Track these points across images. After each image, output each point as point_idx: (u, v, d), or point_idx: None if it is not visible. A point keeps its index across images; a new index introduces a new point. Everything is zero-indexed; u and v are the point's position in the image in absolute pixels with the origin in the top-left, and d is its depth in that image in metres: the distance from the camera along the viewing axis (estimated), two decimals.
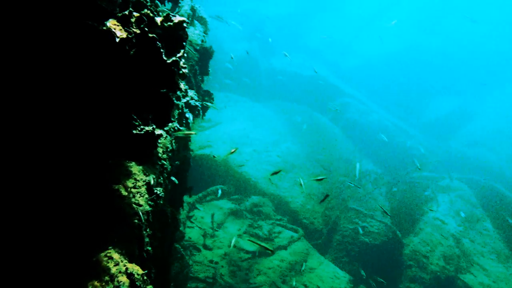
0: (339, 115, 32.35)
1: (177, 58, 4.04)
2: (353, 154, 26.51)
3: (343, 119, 32.59)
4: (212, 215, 17.65)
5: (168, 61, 3.92)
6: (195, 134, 7.99)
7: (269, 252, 14.01)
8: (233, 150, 7.85)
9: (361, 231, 18.97)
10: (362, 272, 16.94)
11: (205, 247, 16.12)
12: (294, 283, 15.49)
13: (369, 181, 23.72)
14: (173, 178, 6.30)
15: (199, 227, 16.99)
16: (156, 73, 3.87)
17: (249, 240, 10.33)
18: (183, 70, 4.28)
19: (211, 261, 15.47)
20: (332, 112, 32.32)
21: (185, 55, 4.98)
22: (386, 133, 30.19)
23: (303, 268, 16.49)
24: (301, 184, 11.07)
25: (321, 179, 8.22)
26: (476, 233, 21.10)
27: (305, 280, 16.03)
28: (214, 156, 20.77)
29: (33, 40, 3.30)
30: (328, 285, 15.99)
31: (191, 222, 17.19)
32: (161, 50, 3.81)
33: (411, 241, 19.36)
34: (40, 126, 3.78)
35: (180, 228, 14.97)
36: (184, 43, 4.28)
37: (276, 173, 8.14)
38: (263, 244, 6.56)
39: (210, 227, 17.16)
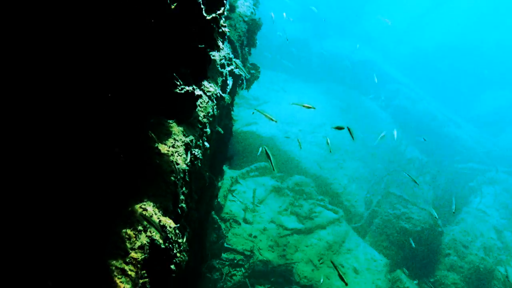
0: (388, 101, 31.95)
1: (217, 15, 4.13)
2: (399, 141, 26.19)
3: (392, 105, 32.18)
4: (254, 191, 17.80)
5: (207, 17, 4.02)
6: (276, 122, 8.09)
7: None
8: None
9: (401, 217, 18.82)
10: (405, 270, 16.83)
11: (245, 221, 16.32)
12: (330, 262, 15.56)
13: (413, 168, 23.44)
14: (206, 144, 6.42)
15: (241, 202, 17.19)
16: (196, 29, 3.98)
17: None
18: (223, 28, 4.37)
19: (250, 235, 15.67)
20: (381, 98, 31.97)
21: (225, 23, 5.06)
22: (434, 122, 29.71)
23: (340, 248, 16.53)
24: (327, 143, 11.04)
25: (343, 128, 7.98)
26: None
27: (342, 260, 16.08)
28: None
29: None
30: (364, 267, 15.99)
31: (233, 196, 17.40)
32: (202, 6, 3.91)
33: (451, 230, 19.09)
34: (87, 81, 3.93)
35: (220, 200, 15.20)
36: (225, 1, 4.37)
37: (307, 106, 7.80)
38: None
39: (251, 202, 17.33)
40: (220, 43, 4.44)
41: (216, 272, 13.92)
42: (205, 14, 3.98)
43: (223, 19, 4.53)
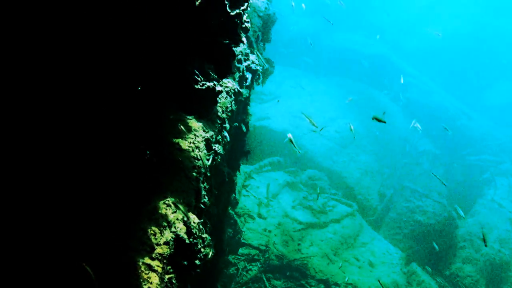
0: (400, 94, 31.81)
1: (241, 11, 4.14)
2: (411, 134, 26.10)
3: (403, 98, 32.04)
4: (268, 186, 17.82)
5: (231, 13, 4.03)
6: (385, 123, 8.08)
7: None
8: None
9: (415, 210, 18.79)
10: (421, 263, 16.76)
11: (260, 216, 16.36)
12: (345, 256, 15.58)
13: (426, 161, 23.37)
14: (226, 139, 6.44)
15: (255, 196, 17.22)
16: (220, 24, 3.99)
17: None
18: (246, 24, 4.39)
19: (264, 230, 15.71)
20: (393, 91, 31.83)
21: (248, 18, 5.07)
22: (446, 114, 29.56)
23: (355, 242, 16.53)
24: (351, 129, 11.02)
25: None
26: None
27: (357, 253, 16.08)
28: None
29: None
30: (379, 260, 15.99)
31: (247, 191, 17.44)
32: (226, 2, 3.93)
33: (466, 222, 19.01)
34: (108, 79, 3.95)
35: (235, 195, 15.25)
36: None
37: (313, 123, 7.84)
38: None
39: (265, 197, 17.37)
40: (244, 38, 4.46)
41: (232, 267, 13.98)
42: (229, 10, 4.00)
43: (246, 14, 4.54)
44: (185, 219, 4.62)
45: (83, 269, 3.28)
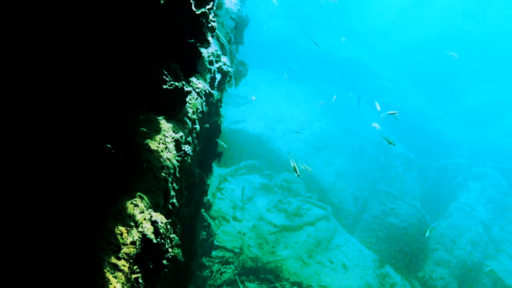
0: (375, 98, 32.08)
1: (206, 10, 4.16)
2: (386, 137, 26.34)
3: (379, 102, 32.30)
4: (243, 189, 17.86)
5: (197, 12, 4.04)
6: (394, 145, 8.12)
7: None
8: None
9: (389, 213, 18.99)
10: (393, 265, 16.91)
11: (234, 218, 16.38)
12: (319, 258, 15.66)
13: (400, 164, 23.62)
14: (196, 140, 6.44)
15: (230, 199, 17.24)
16: (185, 23, 4.00)
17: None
18: (212, 23, 4.40)
19: (239, 232, 15.73)
20: (368, 95, 32.08)
21: (214, 18, 5.09)
22: (421, 118, 29.89)
23: (329, 244, 16.62)
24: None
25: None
26: (507, 221, 20.84)
27: (331, 256, 16.17)
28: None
29: None
30: (353, 263, 16.10)
31: (222, 194, 17.45)
32: (191, 1, 3.94)
33: (439, 225, 19.26)
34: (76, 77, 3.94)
35: (209, 198, 15.23)
36: None
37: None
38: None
39: (240, 200, 17.39)
40: (210, 38, 4.47)
41: (206, 269, 13.95)
42: (194, 9, 4.01)
43: (212, 13, 4.56)
44: (152, 219, 4.61)
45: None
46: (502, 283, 17.58)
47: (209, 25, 4.39)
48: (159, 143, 5.36)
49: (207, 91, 6.95)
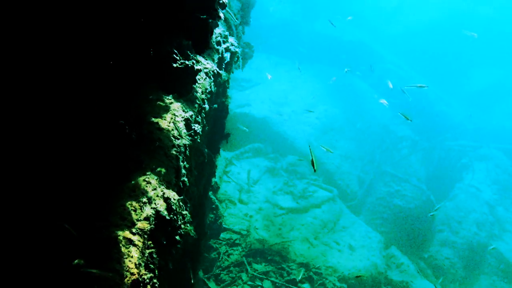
0: (380, 81, 32.00)
1: None
2: (390, 120, 26.33)
3: (383, 85, 32.20)
4: (249, 172, 17.93)
5: None
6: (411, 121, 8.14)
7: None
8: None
9: (394, 194, 19.04)
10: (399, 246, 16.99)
11: (241, 201, 16.47)
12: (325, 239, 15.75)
13: (405, 147, 23.63)
14: (205, 120, 6.48)
15: (235, 182, 17.32)
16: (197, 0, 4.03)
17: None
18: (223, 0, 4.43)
19: (245, 215, 15.82)
20: (373, 78, 31.98)
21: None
22: (426, 100, 29.80)
23: (335, 226, 16.70)
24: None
25: None
26: None
27: (337, 237, 16.25)
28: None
29: None
30: (359, 244, 16.17)
31: (228, 177, 17.53)
32: None
33: (444, 206, 19.30)
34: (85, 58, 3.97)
35: (216, 180, 15.30)
36: None
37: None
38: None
39: (246, 183, 17.47)
40: (221, 14, 4.50)
41: (214, 251, 14.06)
42: None
43: None
44: (165, 195, 4.68)
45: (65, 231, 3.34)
46: (507, 262, 17.67)
47: (220, 1, 4.41)
48: (169, 122, 5.40)
49: (215, 71, 6.98)
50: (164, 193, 4.68)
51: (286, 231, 15.66)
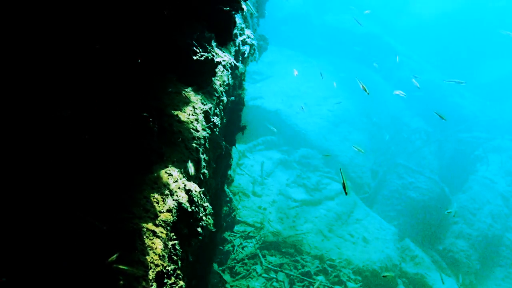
0: (391, 73, 31.88)
1: None
2: (403, 112, 26.24)
3: (395, 77, 32.09)
4: (262, 164, 17.93)
5: None
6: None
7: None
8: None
9: (408, 187, 18.98)
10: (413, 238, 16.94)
11: (254, 193, 16.48)
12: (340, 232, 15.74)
13: (418, 138, 23.54)
14: (222, 113, 6.48)
15: (249, 175, 17.33)
16: None
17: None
18: None
19: (259, 207, 15.84)
20: (385, 70, 31.88)
21: None
22: (439, 92, 29.65)
23: (349, 218, 16.69)
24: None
25: None
26: None
27: (351, 230, 16.24)
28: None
29: None
30: (373, 236, 16.16)
31: (241, 169, 17.55)
32: None
33: (459, 198, 19.23)
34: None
35: (230, 173, 15.32)
36: None
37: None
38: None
39: (259, 175, 17.48)
40: (244, 6, 4.49)
41: (228, 244, 14.09)
42: None
43: None
44: (187, 187, 4.69)
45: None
46: None
47: None
48: (189, 115, 5.41)
49: (232, 63, 6.98)
50: (185, 185, 4.69)
51: (300, 224, 15.67)
